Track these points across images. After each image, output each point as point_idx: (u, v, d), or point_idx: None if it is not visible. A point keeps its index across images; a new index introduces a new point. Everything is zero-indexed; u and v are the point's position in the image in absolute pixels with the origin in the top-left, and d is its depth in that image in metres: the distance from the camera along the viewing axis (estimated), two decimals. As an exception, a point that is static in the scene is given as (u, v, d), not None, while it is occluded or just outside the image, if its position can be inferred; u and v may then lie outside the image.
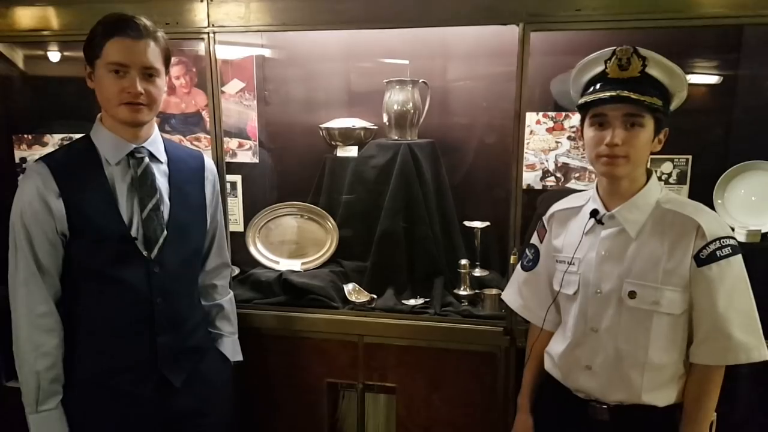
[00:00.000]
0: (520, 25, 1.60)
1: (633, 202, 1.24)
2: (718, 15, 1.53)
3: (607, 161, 1.20)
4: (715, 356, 1.20)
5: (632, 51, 1.18)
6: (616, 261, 1.24)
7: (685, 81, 1.21)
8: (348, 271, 2.02)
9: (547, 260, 1.41)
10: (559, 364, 1.34)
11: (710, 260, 1.17)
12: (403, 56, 2.11)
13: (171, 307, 1.35)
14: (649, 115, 1.18)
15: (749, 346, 1.17)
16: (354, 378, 1.82)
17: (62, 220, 1.25)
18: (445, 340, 1.74)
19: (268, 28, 1.76)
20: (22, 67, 2.21)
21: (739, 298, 1.19)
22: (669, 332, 1.22)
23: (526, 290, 1.47)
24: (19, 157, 2.10)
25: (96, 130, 1.33)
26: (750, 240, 1.73)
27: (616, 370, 1.24)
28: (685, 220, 1.20)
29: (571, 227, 1.36)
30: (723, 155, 1.91)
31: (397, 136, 2.04)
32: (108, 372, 1.33)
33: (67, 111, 2.18)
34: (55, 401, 1.29)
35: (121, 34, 1.24)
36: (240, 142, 2.13)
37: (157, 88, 1.29)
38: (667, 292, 1.20)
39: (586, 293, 1.28)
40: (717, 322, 1.17)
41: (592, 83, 1.24)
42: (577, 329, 1.30)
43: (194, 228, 1.43)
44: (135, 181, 1.31)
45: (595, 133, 1.21)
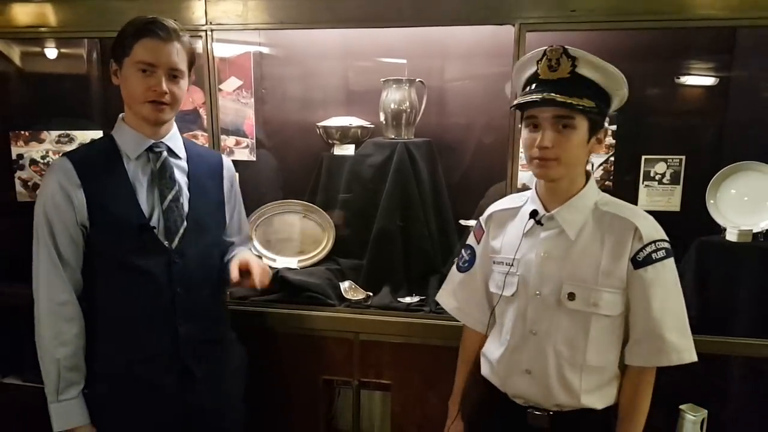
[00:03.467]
0: (516, 26, 1.61)
1: (572, 203, 1.23)
2: (712, 17, 1.55)
3: (539, 163, 1.18)
4: (648, 358, 1.21)
5: (562, 51, 1.16)
6: (555, 262, 1.23)
7: (622, 80, 1.18)
8: (344, 269, 2.03)
9: (484, 261, 1.39)
10: (497, 368, 1.32)
11: (646, 263, 1.18)
12: (400, 55, 2.12)
13: (192, 298, 1.37)
14: (581, 116, 1.15)
15: (681, 348, 1.19)
16: (350, 375, 1.83)
17: (83, 212, 1.29)
18: (440, 337, 1.75)
19: (266, 26, 1.77)
20: (19, 63, 2.21)
21: (672, 301, 1.20)
22: (607, 334, 1.22)
23: (461, 292, 1.44)
24: (15, 154, 2.10)
25: (117, 128, 1.38)
26: (741, 240, 1.76)
27: (555, 374, 1.22)
28: (623, 223, 1.20)
29: (509, 228, 1.34)
30: (716, 156, 1.94)
31: (393, 134, 2.05)
32: (130, 363, 1.35)
33: (65, 108, 2.19)
34: (75, 390, 1.32)
35: (151, 35, 1.28)
36: (237, 140, 2.13)
37: (180, 89, 1.33)
38: (605, 293, 1.19)
39: (525, 295, 1.26)
40: (651, 323, 1.18)
41: (527, 84, 1.23)
42: (515, 332, 1.28)
43: (214, 221, 1.46)
44: (154, 174, 1.35)
45: (528, 134, 1.20)
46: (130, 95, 1.32)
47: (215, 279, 1.47)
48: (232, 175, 1.55)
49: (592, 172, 1.27)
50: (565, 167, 1.19)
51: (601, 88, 1.18)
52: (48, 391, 1.31)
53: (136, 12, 1.78)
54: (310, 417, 1.88)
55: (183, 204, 1.38)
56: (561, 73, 1.16)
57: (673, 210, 1.90)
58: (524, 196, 1.35)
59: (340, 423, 1.96)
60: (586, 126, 1.17)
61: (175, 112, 1.37)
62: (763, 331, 1.68)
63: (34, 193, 2.11)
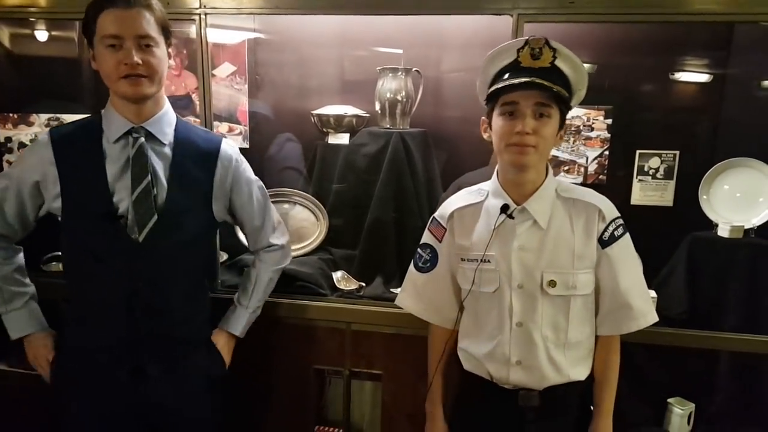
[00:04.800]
0: (514, 16, 1.60)
1: (540, 193, 1.27)
2: (710, 12, 1.54)
3: (517, 150, 1.20)
4: (619, 326, 1.29)
5: (544, 41, 1.20)
6: (533, 253, 1.26)
7: (586, 79, 1.24)
8: (337, 259, 2.02)
9: (451, 259, 1.38)
10: (487, 364, 1.32)
11: (611, 241, 1.27)
12: (396, 44, 2.10)
13: (154, 295, 1.32)
14: (556, 107, 1.20)
15: (645, 312, 1.29)
16: (341, 365, 1.83)
17: (53, 189, 1.29)
18: (431, 328, 1.76)
19: (261, 11, 1.74)
20: (8, 45, 2.17)
21: (635, 271, 1.31)
22: (583, 311, 1.29)
23: (426, 293, 1.43)
24: (3, 137, 2.06)
25: (106, 108, 1.34)
26: (733, 235, 1.77)
27: (545, 358, 1.27)
28: (588, 206, 1.27)
29: (476, 225, 1.33)
30: (710, 152, 1.95)
31: (389, 124, 2.04)
32: (87, 347, 1.35)
33: (55, 91, 2.15)
34: (20, 301, 1.43)
35: (110, 5, 1.21)
36: (230, 127, 2.11)
37: (156, 58, 1.25)
38: (580, 275, 1.26)
39: (508, 289, 1.28)
40: (619, 295, 1.27)
41: (502, 73, 1.24)
42: (501, 326, 1.29)
43: (193, 216, 1.37)
44: (129, 162, 1.29)
45: (504, 122, 1.21)
46: (105, 75, 1.26)
47: (188, 277, 1.40)
48: (230, 164, 1.41)
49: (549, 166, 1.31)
50: (540, 156, 1.22)
51: (569, 83, 1.23)
52: None
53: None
54: (301, 406, 1.88)
55: (157, 196, 1.30)
56: (543, 62, 1.20)
57: (666, 205, 1.91)
58: (482, 191, 1.35)
59: (330, 412, 1.96)
60: (558, 117, 1.22)
61: (158, 84, 1.29)
62: (751, 327, 1.69)
63: (23, 177, 2.08)
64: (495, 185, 1.32)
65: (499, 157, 1.28)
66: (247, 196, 1.48)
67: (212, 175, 1.38)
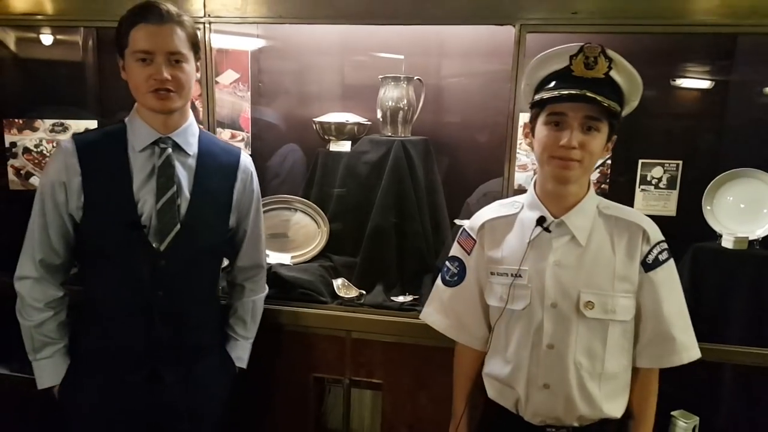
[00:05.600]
0: (517, 27, 1.60)
1: (580, 208, 1.20)
2: (713, 23, 1.54)
3: (560, 164, 1.14)
4: (660, 359, 1.21)
5: (600, 50, 1.12)
6: (570, 270, 1.18)
7: (641, 91, 1.18)
8: (337, 266, 2.02)
9: (479, 273, 1.31)
10: (513, 385, 1.24)
11: (655, 265, 1.18)
12: (398, 52, 2.11)
13: (173, 302, 1.34)
14: (606, 120, 1.13)
15: (689, 346, 1.21)
16: (341, 373, 1.82)
17: (79, 197, 1.29)
18: (432, 338, 1.71)
19: (265, 20, 1.75)
20: (13, 50, 2.19)
21: (678, 301, 1.22)
22: (621, 339, 1.20)
23: (453, 308, 1.35)
24: (9, 141, 2.08)
25: (130, 117, 1.35)
26: (737, 247, 1.75)
27: (576, 386, 1.18)
28: (630, 225, 1.20)
29: (508, 237, 1.27)
30: (713, 162, 1.93)
31: (390, 132, 2.04)
32: (104, 353, 1.35)
33: (60, 96, 2.17)
34: (50, 350, 1.37)
35: (144, 20, 1.23)
36: (233, 133, 2.11)
37: (185, 73, 1.28)
38: (620, 299, 1.17)
39: (540, 307, 1.19)
40: (662, 325, 1.19)
41: (550, 79, 1.17)
42: (529, 347, 1.21)
43: (213, 226, 1.39)
44: (155, 171, 1.31)
45: (549, 132, 1.14)
46: (134, 87, 1.29)
47: (204, 285, 1.43)
48: (248, 177, 1.45)
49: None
50: (584, 170, 1.16)
51: (623, 94, 1.17)
52: (27, 351, 1.38)
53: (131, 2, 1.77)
54: (300, 415, 1.87)
55: (180, 206, 1.32)
56: (597, 72, 1.13)
57: (669, 215, 1.90)
58: (517, 203, 1.30)
59: (330, 421, 1.95)
60: (606, 131, 1.15)
61: (185, 99, 1.31)
62: (756, 339, 1.67)
63: (27, 181, 2.09)
64: (531, 197, 1.25)
65: (540, 168, 1.22)
66: (254, 211, 1.51)
67: (232, 187, 1.41)
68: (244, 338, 1.56)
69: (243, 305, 1.56)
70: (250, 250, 1.53)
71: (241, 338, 1.56)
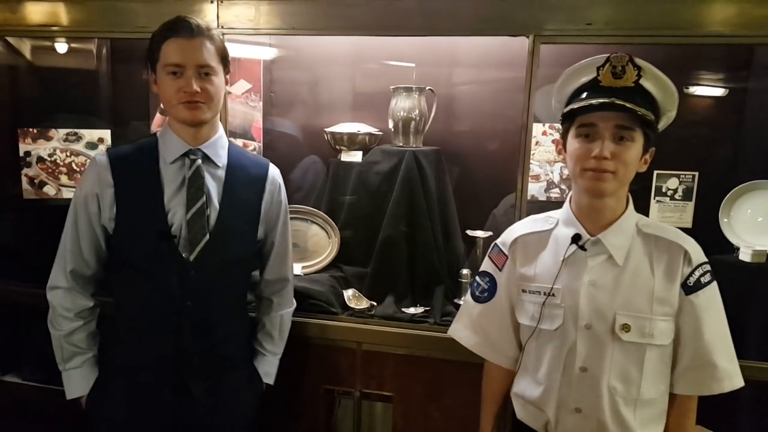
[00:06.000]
0: (530, 38, 1.59)
1: (618, 225, 1.16)
2: (729, 34, 1.52)
3: (593, 176, 1.11)
4: (699, 386, 1.16)
5: (628, 59, 1.10)
6: (605, 291, 1.14)
7: (677, 98, 1.14)
8: (348, 277, 2.01)
9: (510, 290, 1.29)
10: (543, 407, 1.21)
11: (697, 288, 1.14)
12: (410, 62, 2.11)
13: (201, 313, 1.34)
14: (639, 129, 1.10)
15: (732, 374, 1.16)
16: (351, 385, 1.81)
17: (110, 209, 1.32)
18: (444, 350, 1.72)
19: (278, 32, 1.76)
20: (29, 60, 2.21)
21: (721, 326, 1.17)
22: (658, 364, 1.16)
23: (482, 325, 1.33)
24: (23, 151, 2.10)
25: (163, 130, 1.38)
26: (755, 260, 1.72)
27: (609, 411, 1.14)
28: (671, 245, 1.15)
29: (542, 254, 1.23)
30: (731, 173, 1.90)
31: (402, 142, 2.04)
32: (133, 366, 1.36)
33: (74, 105, 2.18)
34: (80, 360, 1.39)
35: (175, 35, 1.27)
36: (245, 143, 2.12)
37: (214, 86, 1.30)
38: (659, 322, 1.13)
39: (573, 328, 1.16)
40: (702, 350, 1.14)
41: (580, 92, 1.15)
42: (561, 369, 1.18)
43: (241, 237, 1.41)
44: (185, 182, 1.33)
45: (581, 144, 1.12)
46: (165, 100, 1.31)
47: (233, 296, 1.44)
48: (275, 189, 1.47)
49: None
50: (620, 183, 1.12)
51: (657, 104, 1.14)
52: (57, 361, 1.40)
53: (146, 13, 1.79)
54: (310, 427, 1.85)
55: (210, 216, 1.33)
56: (626, 81, 1.10)
57: (685, 227, 1.87)
58: (551, 218, 1.26)
59: (339, 433, 1.94)
60: (642, 141, 1.12)
61: (215, 111, 1.34)
62: (775, 355, 1.64)
63: (41, 190, 2.11)
64: (567, 213, 1.22)
65: (574, 183, 1.19)
66: (282, 224, 1.52)
67: (261, 198, 1.43)
68: (272, 354, 1.56)
69: (271, 320, 1.56)
70: (276, 263, 1.53)
71: (269, 354, 1.55)
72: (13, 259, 2.10)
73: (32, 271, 1.78)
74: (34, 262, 1.50)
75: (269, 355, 1.55)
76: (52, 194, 2.11)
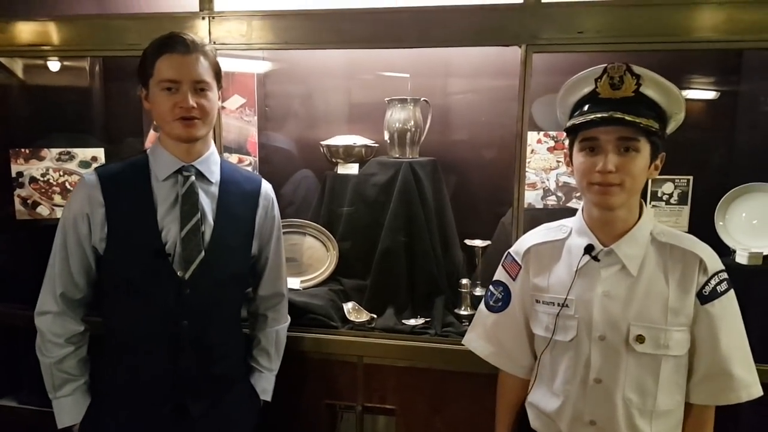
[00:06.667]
0: (523, 47, 1.60)
1: (632, 235, 1.14)
2: (720, 39, 1.54)
3: (600, 190, 1.10)
4: (716, 396, 1.15)
5: (625, 68, 1.08)
6: (619, 302, 1.13)
7: (682, 102, 1.13)
8: (348, 290, 1.99)
9: (524, 300, 1.28)
10: (556, 421, 1.21)
11: (713, 297, 1.12)
12: (404, 73, 2.11)
13: (198, 331, 1.32)
14: (644, 138, 1.08)
15: (749, 383, 1.14)
16: (353, 399, 1.79)
17: (101, 229, 1.29)
18: (446, 362, 1.72)
19: (270, 47, 1.76)
20: (21, 79, 2.20)
21: (738, 335, 1.16)
22: (675, 374, 1.14)
23: (497, 334, 1.32)
24: (15, 171, 2.08)
25: (153, 147, 1.36)
26: (752, 263, 1.73)
27: (624, 423, 1.13)
28: (686, 254, 1.14)
29: (555, 264, 1.23)
30: (725, 177, 1.92)
31: (398, 154, 2.04)
32: (129, 388, 1.33)
33: (66, 125, 2.17)
34: (70, 388, 1.35)
35: (170, 50, 1.25)
36: (240, 158, 2.11)
37: (209, 101, 1.29)
38: (674, 333, 1.11)
39: (587, 339, 1.15)
40: (719, 360, 1.13)
41: (581, 104, 1.14)
42: (575, 380, 1.17)
43: (236, 253, 1.39)
44: (178, 199, 1.31)
45: (585, 158, 1.11)
46: (159, 116, 1.29)
47: (228, 313, 1.42)
48: (269, 204, 1.46)
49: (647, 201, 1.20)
50: (628, 194, 1.11)
51: (661, 109, 1.12)
52: (47, 389, 1.36)
53: (138, 30, 1.79)
54: (313, 442, 1.84)
55: (204, 233, 1.32)
56: (625, 91, 1.09)
57: (682, 231, 1.88)
58: (565, 227, 1.25)
59: (342, 448, 1.92)
60: (648, 150, 1.10)
61: (209, 126, 1.33)
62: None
63: (34, 211, 2.09)
64: (579, 222, 1.21)
65: (583, 195, 1.19)
66: (275, 239, 1.51)
67: (254, 214, 1.42)
68: (268, 370, 1.55)
69: (266, 336, 1.54)
70: (271, 279, 1.52)
71: (266, 370, 1.54)
72: (7, 280, 2.07)
73: (26, 292, 1.74)
74: (28, 283, 1.48)
75: (266, 372, 1.54)
76: (46, 214, 2.09)
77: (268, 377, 1.54)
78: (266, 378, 1.54)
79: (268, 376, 1.54)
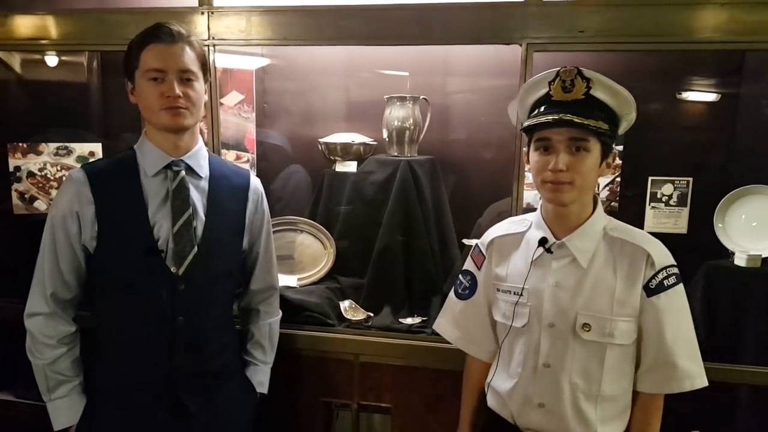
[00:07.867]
0: (524, 46, 1.59)
1: (583, 230, 1.20)
2: (720, 40, 1.53)
3: (552, 187, 1.15)
4: (661, 385, 1.19)
5: (576, 72, 1.14)
6: (568, 292, 1.19)
7: (632, 103, 1.17)
8: (344, 288, 1.99)
9: (487, 288, 1.35)
10: (508, 402, 1.28)
11: (659, 290, 1.17)
12: (404, 71, 2.11)
13: (193, 327, 1.32)
14: (594, 139, 1.13)
15: (693, 374, 1.18)
16: (349, 397, 1.79)
17: (92, 227, 1.27)
18: (441, 360, 1.71)
19: (269, 43, 1.75)
20: (18, 74, 2.19)
21: (684, 327, 1.19)
22: (621, 362, 1.19)
23: (463, 320, 1.39)
24: (13, 166, 2.07)
25: (140, 142, 1.34)
26: (750, 265, 1.73)
27: (570, 406, 1.19)
28: (635, 249, 1.18)
29: (514, 255, 1.29)
30: (724, 178, 1.92)
31: (396, 152, 2.03)
32: (125, 387, 1.32)
33: (64, 119, 2.17)
34: (65, 389, 1.33)
35: (155, 40, 1.24)
36: (238, 155, 2.10)
37: (195, 91, 1.28)
38: (620, 323, 1.17)
39: (538, 326, 1.22)
40: (664, 351, 1.17)
41: (537, 106, 1.19)
42: (527, 364, 1.24)
43: (228, 248, 1.39)
44: (169, 195, 1.30)
45: (539, 157, 1.17)
46: (146, 107, 1.28)
47: (222, 309, 1.42)
48: (258, 198, 1.46)
49: (599, 197, 1.25)
50: (579, 191, 1.16)
51: (612, 110, 1.16)
52: (41, 392, 1.33)
53: (136, 24, 1.76)
54: (308, 440, 1.84)
55: (196, 228, 1.31)
56: (575, 94, 1.14)
57: (680, 232, 1.87)
58: (526, 221, 1.31)
59: (338, 446, 1.92)
60: (598, 149, 1.15)
61: (196, 117, 1.31)
62: (772, 360, 1.64)
63: (31, 205, 2.09)
64: (537, 217, 1.27)
65: (538, 191, 1.24)
66: (265, 232, 1.50)
67: (245, 208, 1.42)
68: (264, 363, 1.54)
69: (259, 329, 1.54)
70: (263, 272, 1.52)
71: (261, 363, 1.54)
72: (4, 274, 2.07)
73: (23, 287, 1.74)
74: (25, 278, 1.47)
75: (261, 365, 1.54)
76: (43, 209, 2.09)
77: (264, 370, 1.54)
78: (262, 371, 1.53)
79: (263, 369, 1.54)
